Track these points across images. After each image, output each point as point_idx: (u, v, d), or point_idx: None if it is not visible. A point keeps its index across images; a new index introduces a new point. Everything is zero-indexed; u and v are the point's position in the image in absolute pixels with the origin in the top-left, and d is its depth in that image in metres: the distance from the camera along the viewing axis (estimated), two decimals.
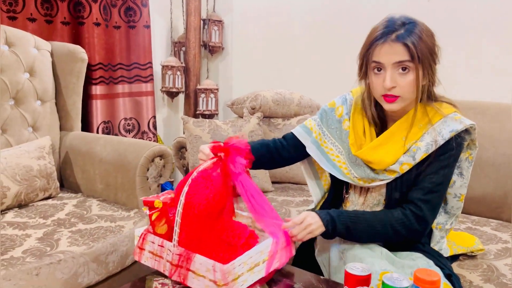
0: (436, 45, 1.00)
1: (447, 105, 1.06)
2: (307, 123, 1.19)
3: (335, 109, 1.17)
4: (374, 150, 1.05)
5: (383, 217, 1.02)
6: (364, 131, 1.10)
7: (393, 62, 0.97)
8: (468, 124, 1.02)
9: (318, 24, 2.32)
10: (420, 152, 1.02)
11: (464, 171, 1.09)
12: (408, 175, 1.05)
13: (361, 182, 1.09)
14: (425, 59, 0.96)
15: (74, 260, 1.22)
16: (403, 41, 0.95)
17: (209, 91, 2.56)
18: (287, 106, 2.11)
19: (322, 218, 1.00)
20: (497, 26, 1.83)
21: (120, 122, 2.33)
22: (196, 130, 1.89)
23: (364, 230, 1.01)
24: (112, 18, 2.22)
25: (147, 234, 1.00)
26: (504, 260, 1.23)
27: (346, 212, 1.04)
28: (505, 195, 1.57)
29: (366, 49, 1.01)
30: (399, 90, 0.98)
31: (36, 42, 1.82)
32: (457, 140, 1.01)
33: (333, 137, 1.15)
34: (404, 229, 1.02)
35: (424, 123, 1.03)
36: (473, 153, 1.08)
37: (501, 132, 1.60)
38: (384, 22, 0.99)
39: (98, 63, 2.14)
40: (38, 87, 1.79)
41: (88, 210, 1.56)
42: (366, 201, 1.12)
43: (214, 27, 2.58)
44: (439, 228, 1.13)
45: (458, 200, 1.11)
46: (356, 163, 1.09)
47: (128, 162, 1.64)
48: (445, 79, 2.02)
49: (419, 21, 0.99)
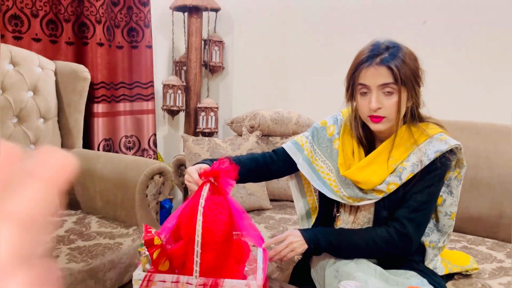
0: (420, 68, 1.04)
1: (434, 125, 1.09)
2: (298, 140, 1.21)
3: (326, 128, 1.20)
4: (362, 170, 1.08)
5: (365, 234, 1.06)
6: (353, 152, 1.13)
7: (378, 84, 1.00)
8: (453, 144, 1.04)
9: (316, 45, 2.37)
10: (406, 172, 1.05)
11: (454, 189, 1.11)
12: (395, 194, 1.07)
13: (350, 200, 1.11)
14: (408, 81, 1.00)
15: (72, 277, 1.23)
16: (387, 64, 0.98)
17: (209, 110, 2.59)
18: (285, 125, 2.15)
19: (305, 236, 1.05)
20: (492, 46, 1.87)
21: (121, 139, 2.36)
22: (195, 148, 1.92)
23: (347, 246, 1.06)
24: (115, 38, 2.28)
25: (153, 275, 0.94)
26: (499, 280, 1.24)
27: (330, 230, 1.09)
28: (500, 214, 1.58)
29: (352, 72, 1.05)
30: (385, 111, 1.02)
31: (41, 61, 1.87)
32: (442, 160, 1.04)
33: (324, 156, 1.18)
34: (387, 246, 1.05)
35: (410, 143, 1.06)
36: (461, 171, 1.10)
37: (496, 153, 1.62)
38: (370, 46, 1.03)
39: (101, 82, 2.19)
40: (41, 105, 1.83)
41: (87, 227, 1.58)
42: (357, 219, 1.14)
43: (214, 47, 2.63)
44: (432, 246, 1.14)
45: (449, 218, 1.13)
46: (345, 182, 1.12)
47: (128, 179, 1.66)
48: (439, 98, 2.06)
49: (402, 45, 1.03)
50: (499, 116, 1.77)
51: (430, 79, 2.00)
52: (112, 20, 2.25)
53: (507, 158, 1.59)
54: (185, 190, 2.12)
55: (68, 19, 2.06)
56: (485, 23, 1.87)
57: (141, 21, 2.35)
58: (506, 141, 1.63)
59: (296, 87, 2.47)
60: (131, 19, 2.32)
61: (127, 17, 2.31)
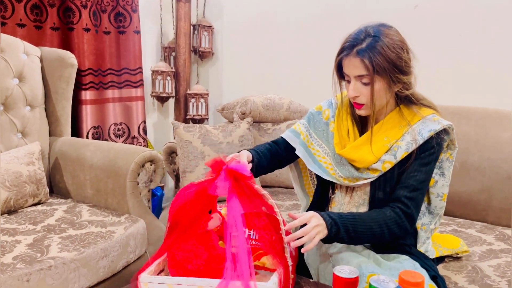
0: (403, 56, 1.03)
1: (426, 108, 1.11)
2: (295, 127, 1.24)
3: (321, 112, 1.22)
4: (357, 149, 1.10)
5: (377, 217, 1.03)
6: (348, 132, 1.14)
7: (355, 75, 1.04)
8: (445, 124, 1.07)
9: (308, 30, 2.35)
10: (401, 151, 1.07)
11: (446, 170, 1.13)
12: (390, 173, 1.09)
13: (346, 181, 1.12)
14: (384, 72, 1.00)
15: (64, 266, 1.22)
16: (361, 57, 1.00)
17: (199, 96, 2.57)
18: (277, 111, 2.14)
19: (326, 221, 0.96)
20: (483, 30, 1.87)
21: (110, 127, 2.33)
22: (186, 136, 1.90)
23: (363, 231, 1.01)
24: (102, 23, 2.23)
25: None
26: (488, 262, 1.26)
27: (345, 215, 1.01)
28: (489, 198, 1.60)
29: (336, 58, 1.08)
30: (362, 99, 1.06)
31: (26, 47, 1.82)
32: (437, 140, 1.06)
33: (320, 139, 1.20)
34: (398, 228, 1.04)
35: (404, 124, 1.09)
36: (453, 153, 1.12)
37: (486, 137, 1.64)
38: (353, 34, 1.05)
39: (88, 69, 2.14)
40: (27, 93, 1.79)
41: (78, 216, 1.56)
42: (352, 200, 1.15)
43: (204, 32, 2.59)
44: (423, 229, 1.16)
45: (441, 200, 1.14)
46: (340, 163, 1.13)
47: (118, 167, 1.64)
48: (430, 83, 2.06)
49: (386, 33, 1.02)
50: (490, 101, 1.78)
51: (421, 65, 2.00)
52: (98, 4, 2.19)
53: (497, 142, 1.61)
54: (176, 177, 2.11)
55: (53, 4, 2.01)
56: (476, 7, 1.87)
57: (128, 5, 2.30)
58: (496, 126, 1.64)
59: (288, 73, 2.45)
60: (118, 3, 2.27)
61: (113, 1, 2.26)
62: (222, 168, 0.93)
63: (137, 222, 1.54)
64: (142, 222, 1.56)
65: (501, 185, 1.58)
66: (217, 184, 0.91)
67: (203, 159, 1.88)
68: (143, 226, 1.56)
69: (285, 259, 0.90)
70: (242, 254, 0.83)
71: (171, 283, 0.84)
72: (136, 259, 1.52)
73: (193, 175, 1.87)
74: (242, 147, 1.96)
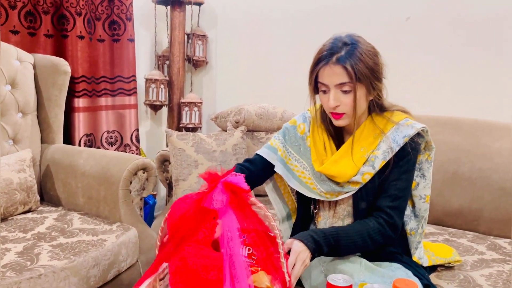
0: (379, 63, 1.04)
1: (398, 113, 1.11)
2: (272, 143, 1.20)
3: (296, 126, 1.21)
4: (335, 164, 1.09)
5: (361, 229, 1.05)
6: (325, 147, 1.14)
7: (335, 84, 1.03)
8: (419, 128, 1.07)
9: (302, 40, 2.37)
10: (378, 160, 1.07)
11: (426, 172, 1.14)
12: (371, 184, 1.09)
13: (327, 195, 1.12)
14: (364, 78, 1.01)
15: (54, 275, 1.20)
16: (343, 64, 1.00)
17: (192, 105, 2.57)
18: (270, 120, 2.14)
19: (308, 246, 0.96)
20: (474, 42, 1.90)
21: (102, 135, 2.32)
22: (180, 144, 1.90)
23: (346, 245, 1.02)
24: (96, 31, 2.23)
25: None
26: (480, 271, 1.26)
27: (326, 231, 1.02)
28: (481, 208, 1.62)
29: (313, 69, 1.06)
30: (343, 108, 1.04)
31: (19, 54, 1.81)
32: (412, 145, 1.06)
33: (298, 154, 1.17)
34: (381, 237, 1.05)
35: (378, 132, 1.09)
36: (431, 153, 1.13)
37: (477, 147, 1.66)
38: (329, 43, 1.05)
39: (81, 76, 2.14)
40: (19, 99, 1.78)
41: (69, 224, 1.55)
42: (336, 214, 1.15)
43: (198, 41, 2.61)
44: (413, 234, 1.16)
45: (424, 202, 1.15)
46: (321, 178, 1.12)
47: (111, 175, 1.63)
48: (421, 94, 2.09)
49: (361, 41, 1.04)
50: (481, 111, 1.80)
51: (412, 75, 2.03)
52: (92, 12, 2.20)
53: (488, 152, 1.63)
54: (169, 186, 2.10)
55: (47, 11, 2.01)
56: (467, 18, 1.91)
57: (123, 14, 2.31)
58: (487, 136, 1.66)
59: (281, 82, 2.47)
60: (113, 12, 2.27)
61: (108, 10, 2.26)
62: (217, 181, 0.91)
63: (129, 231, 1.52)
64: (134, 231, 1.55)
65: (492, 195, 1.59)
66: (214, 198, 0.89)
67: (196, 167, 1.87)
68: (135, 234, 1.54)
69: (282, 274, 0.89)
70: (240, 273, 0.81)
71: None
72: (127, 267, 1.50)
73: (186, 183, 1.86)
74: (235, 155, 1.96)
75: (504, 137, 1.63)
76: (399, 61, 2.00)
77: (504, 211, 1.57)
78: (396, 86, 1.16)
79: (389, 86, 1.12)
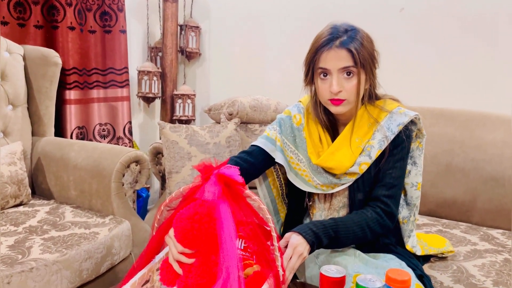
0: (376, 51, 1.05)
1: (390, 101, 1.11)
2: (270, 135, 1.17)
3: (292, 117, 1.18)
4: (332, 156, 1.08)
5: (359, 219, 1.04)
6: (320, 138, 1.13)
7: (339, 68, 1.01)
8: (412, 115, 1.07)
9: (295, 31, 2.35)
10: (374, 150, 1.07)
11: (417, 159, 1.13)
12: (367, 174, 1.09)
13: (324, 188, 1.11)
14: (366, 64, 1.01)
15: (46, 268, 1.19)
16: (347, 47, 0.99)
17: (186, 97, 2.55)
18: (264, 112, 2.13)
19: (307, 239, 0.94)
20: (468, 33, 1.90)
21: (95, 127, 2.29)
22: (173, 136, 1.88)
23: (345, 236, 1.01)
24: (87, 22, 2.19)
25: None
26: (473, 262, 1.27)
27: (325, 223, 1.00)
28: (474, 199, 1.62)
29: (312, 56, 1.04)
30: (345, 94, 1.03)
31: (8, 45, 1.78)
32: (406, 132, 1.07)
33: (293, 146, 1.16)
34: (379, 227, 1.05)
35: (372, 122, 1.08)
36: (422, 141, 1.13)
37: (470, 139, 1.66)
38: (328, 29, 1.03)
39: (72, 68, 2.11)
40: (9, 91, 1.75)
41: (61, 217, 1.53)
42: (332, 206, 1.15)
43: (191, 33, 2.58)
44: (405, 222, 1.16)
45: (416, 189, 1.15)
46: (317, 171, 1.12)
47: (103, 167, 1.62)
48: (416, 85, 2.08)
49: (359, 28, 1.04)
50: (475, 103, 1.80)
51: (406, 67, 2.02)
52: (83, 3, 2.16)
53: (481, 143, 1.63)
54: (162, 178, 2.09)
55: (37, 2, 1.97)
56: (462, 9, 1.90)
57: (114, 4, 2.27)
58: (481, 128, 1.66)
59: (275, 74, 2.45)
60: (104, 2, 2.24)
61: (99, 0, 2.23)
62: (211, 173, 0.89)
63: (122, 223, 1.51)
64: (127, 223, 1.54)
65: (485, 186, 1.60)
66: (206, 189, 0.87)
67: (190, 160, 1.86)
68: (128, 227, 1.53)
69: (276, 268, 0.88)
70: (232, 266, 0.80)
71: None
72: (120, 261, 1.49)
73: (179, 176, 1.85)
74: (229, 147, 1.95)
75: (498, 129, 1.63)
76: (394, 52, 2.00)
77: (497, 202, 1.58)
78: (391, 78, 1.15)
79: (384, 77, 1.11)
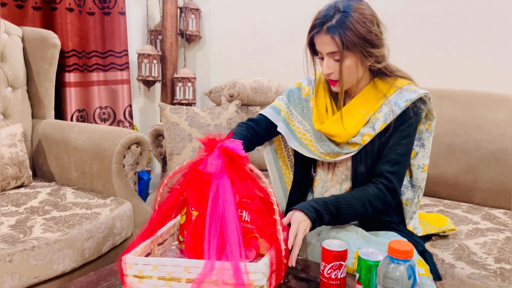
0: (374, 29, 1.02)
1: (402, 79, 1.11)
2: (276, 104, 1.22)
3: (301, 89, 1.21)
4: (335, 124, 1.09)
5: (360, 195, 1.04)
6: (326, 108, 1.14)
7: (326, 52, 1.04)
8: (422, 93, 1.06)
9: (295, 13, 2.32)
10: (379, 122, 1.06)
11: (425, 141, 1.13)
12: (370, 146, 1.08)
13: (327, 157, 1.12)
14: (354, 46, 1.00)
15: (48, 247, 1.20)
16: (331, 35, 1.00)
17: (186, 80, 2.53)
18: (265, 94, 2.12)
19: (309, 216, 0.96)
20: (470, 15, 1.87)
21: (95, 111, 2.28)
22: (173, 117, 1.87)
23: (347, 213, 1.02)
24: (85, 4, 2.17)
25: None
26: (475, 240, 1.27)
27: (327, 200, 1.02)
28: (476, 179, 1.62)
29: (309, 36, 1.07)
30: (336, 75, 1.05)
31: (7, 27, 1.76)
32: (414, 109, 1.06)
33: (300, 116, 1.18)
34: (381, 203, 1.05)
35: (380, 96, 1.08)
36: (432, 123, 1.12)
37: (472, 119, 1.65)
38: (323, 10, 1.04)
39: (72, 50, 2.09)
40: (8, 73, 1.74)
41: (62, 198, 1.53)
42: (335, 177, 1.15)
43: (191, 15, 2.55)
44: (408, 204, 1.16)
45: (422, 171, 1.14)
46: (321, 139, 1.13)
47: (104, 149, 1.61)
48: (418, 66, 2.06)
49: (355, 7, 1.01)
50: (477, 83, 1.79)
51: (408, 48, 2.00)
52: None
53: (483, 123, 1.62)
54: (163, 161, 2.09)
55: None
56: None
57: None
58: (483, 108, 1.65)
59: (276, 56, 2.43)
60: None
61: None
62: (215, 146, 0.90)
63: (123, 204, 1.51)
64: (128, 204, 1.54)
65: (486, 166, 1.59)
66: (209, 161, 0.88)
67: (191, 141, 1.85)
68: (129, 208, 1.54)
69: (278, 242, 0.88)
70: (232, 233, 0.81)
71: (156, 264, 0.81)
72: (122, 241, 1.50)
73: (180, 157, 1.84)
74: (230, 129, 1.94)
75: (500, 108, 1.62)
76: (395, 33, 1.97)
77: (499, 181, 1.57)
78: (392, 59, 1.14)
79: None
